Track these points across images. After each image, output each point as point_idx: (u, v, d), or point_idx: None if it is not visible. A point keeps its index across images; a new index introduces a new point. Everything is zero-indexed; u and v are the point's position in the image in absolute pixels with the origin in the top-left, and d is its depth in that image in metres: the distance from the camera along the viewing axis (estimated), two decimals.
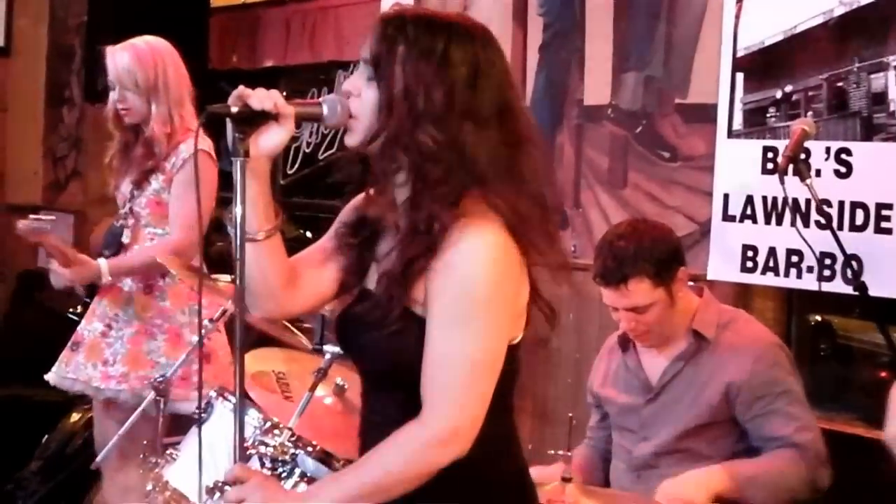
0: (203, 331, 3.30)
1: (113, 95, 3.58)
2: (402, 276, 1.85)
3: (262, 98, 1.86)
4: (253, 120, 1.87)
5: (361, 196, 2.03)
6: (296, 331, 3.22)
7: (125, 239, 3.60)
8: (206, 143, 3.40)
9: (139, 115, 3.55)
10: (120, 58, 3.57)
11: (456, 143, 1.84)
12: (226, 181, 2.24)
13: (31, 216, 3.52)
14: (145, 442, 3.07)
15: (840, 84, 3.14)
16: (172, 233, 3.51)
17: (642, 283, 2.77)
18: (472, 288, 1.81)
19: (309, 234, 5.20)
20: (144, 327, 3.54)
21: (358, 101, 1.90)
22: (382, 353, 1.91)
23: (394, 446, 1.85)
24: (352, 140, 1.92)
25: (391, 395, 1.93)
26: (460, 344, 1.82)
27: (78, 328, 3.64)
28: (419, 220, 1.84)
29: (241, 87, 1.87)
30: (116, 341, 3.55)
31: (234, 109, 1.85)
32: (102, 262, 3.48)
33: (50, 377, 3.66)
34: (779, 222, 3.28)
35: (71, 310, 3.69)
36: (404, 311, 1.86)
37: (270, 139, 1.89)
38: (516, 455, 2.01)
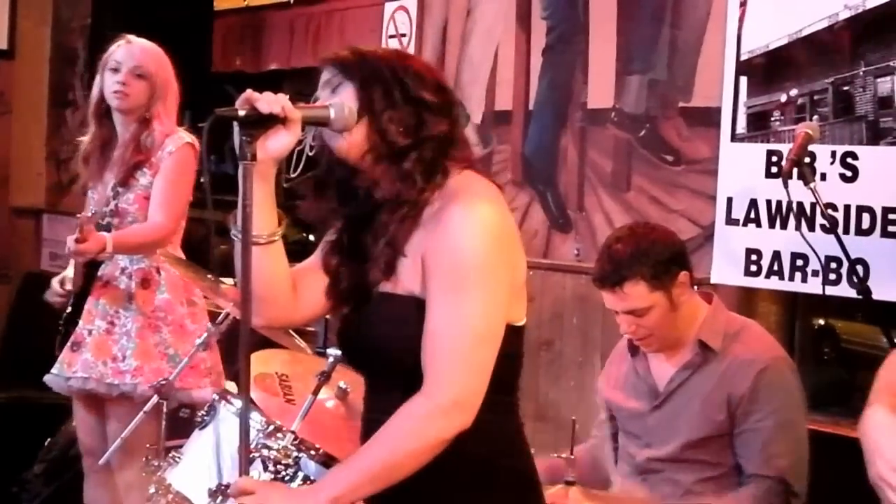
0: (206, 335, 3.33)
1: (114, 76, 3.55)
2: (395, 228, 1.92)
3: (270, 102, 1.87)
4: (260, 123, 1.87)
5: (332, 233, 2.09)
6: (297, 336, 3.22)
7: None
8: (191, 136, 3.55)
9: (134, 104, 3.55)
10: (145, 48, 3.60)
11: (440, 89, 1.98)
12: (229, 184, 2.24)
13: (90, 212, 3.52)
14: (148, 445, 3.07)
15: (846, 88, 3.14)
16: (156, 216, 3.51)
17: (638, 285, 2.77)
18: (464, 257, 1.84)
19: (311, 238, 5.21)
20: (148, 321, 3.55)
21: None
22: (386, 344, 1.93)
23: (398, 422, 1.86)
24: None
25: (394, 393, 1.93)
26: (456, 314, 1.84)
27: (77, 329, 3.62)
28: (417, 161, 1.93)
29: (249, 91, 1.88)
30: (122, 337, 3.55)
31: (242, 113, 1.86)
32: (107, 235, 3.45)
33: (49, 379, 3.65)
34: (783, 226, 3.28)
35: (66, 312, 3.66)
36: (402, 299, 1.89)
37: (277, 143, 1.90)
38: (523, 450, 2.02)
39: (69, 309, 3.61)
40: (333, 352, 2.86)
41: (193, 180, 3.60)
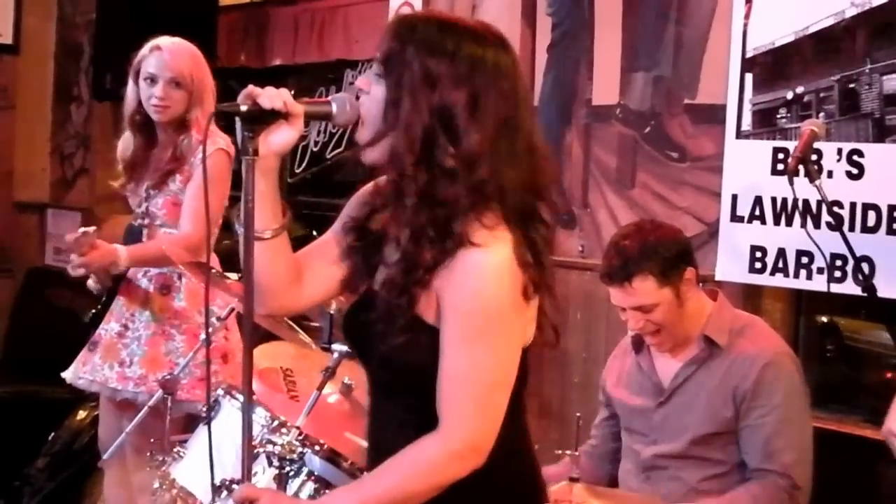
0: (210, 329, 3.30)
1: (151, 88, 3.48)
2: (404, 286, 1.84)
3: (272, 97, 1.85)
4: (262, 118, 1.86)
5: (369, 188, 2.01)
6: (301, 331, 3.21)
7: (143, 239, 3.57)
8: (225, 141, 3.40)
9: (174, 114, 3.49)
10: (178, 53, 3.52)
11: (466, 147, 1.81)
12: (234, 179, 2.24)
13: (81, 230, 3.44)
14: (153, 440, 3.07)
15: (852, 85, 3.13)
16: (185, 227, 3.45)
17: (647, 280, 2.78)
18: (484, 305, 1.81)
19: (315, 234, 5.21)
20: (162, 328, 3.51)
21: (367, 98, 1.89)
22: (393, 363, 1.90)
23: (411, 459, 1.85)
24: (361, 137, 1.91)
25: (401, 400, 1.93)
26: (475, 361, 1.82)
27: (98, 329, 3.60)
28: (426, 228, 1.82)
29: (251, 86, 1.86)
30: (133, 342, 3.52)
31: (244, 108, 1.85)
32: (120, 248, 3.41)
33: (67, 375, 3.64)
34: (788, 223, 3.27)
35: (93, 311, 3.65)
36: (413, 321, 1.85)
37: (280, 138, 1.89)
38: (528, 455, 2.01)
39: (99, 307, 3.60)
40: (338, 347, 2.86)
41: (228, 186, 3.48)
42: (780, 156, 3.29)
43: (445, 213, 1.81)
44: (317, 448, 2.59)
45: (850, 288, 3.08)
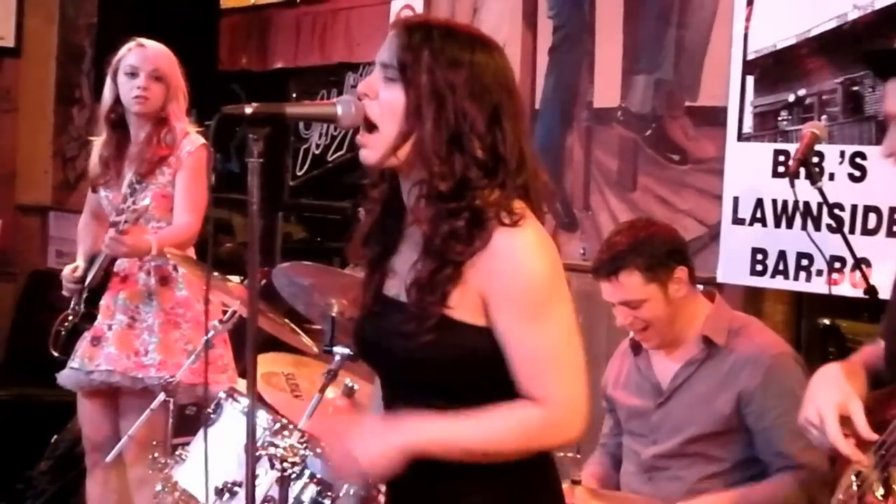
0: (212, 332, 3.32)
1: (132, 81, 3.60)
2: (435, 283, 1.86)
3: None
4: (268, 122, 1.88)
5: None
6: (303, 334, 3.22)
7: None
8: (202, 137, 3.62)
9: (153, 107, 3.62)
10: (158, 50, 3.67)
11: (493, 144, 1.87)
12: (231, 182, 2.24)
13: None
14: (155, 443, 3.08)
15: (855, 88, 3.13)
16: (185, 217, 3.58)
17: (633, 276, 2.79)
18: (533, 283, 1.85)
19: (318, 239, 5.21)
20: (168, 317, 3.61)
21: (376, 103, 1.90)
22: (423, 362, 1.89)
23: (516, 417, 1.87)
24: (371, 141, 1.91)
25: (428, 403, 1.90)
26: (547, 337, 1.87)
27: (96, 324, 3.66)
28: (457, 222, 1.85)
29: None
30: (144, 332, 3.61)
31: (249, 111, 1.86)
32: (151, 238, 3.52)
33: (66, 375, 3.67)
34: (789, 226, 3.28)
35: (79, 310, 3.68)
36: (442, 319, 1.86)
37: None
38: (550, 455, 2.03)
39: (81, 307, 3.65)
40: (340, 350, 2.86)
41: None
42: (782, 158, 3.29)
43: (476, 206, 1.85)
44: (319, 450, 2.59)
45: (850, 290, 3.08)
